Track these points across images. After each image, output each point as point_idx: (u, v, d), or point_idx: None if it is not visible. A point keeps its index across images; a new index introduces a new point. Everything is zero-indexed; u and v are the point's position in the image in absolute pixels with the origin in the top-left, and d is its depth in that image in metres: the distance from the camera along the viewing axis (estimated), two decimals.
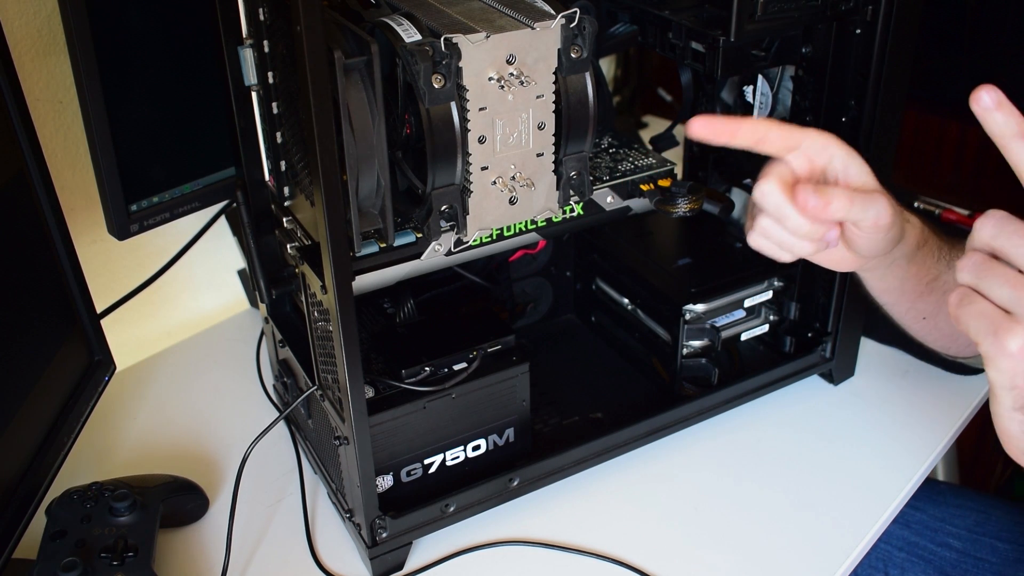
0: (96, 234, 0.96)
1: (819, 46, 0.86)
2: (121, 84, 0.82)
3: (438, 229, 0.70)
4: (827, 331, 0.97)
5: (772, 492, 0.88)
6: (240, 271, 1.16)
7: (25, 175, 0.75)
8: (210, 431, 0.97)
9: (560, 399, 0.96)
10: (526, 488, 0.85)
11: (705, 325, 0.94)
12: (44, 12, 0.86)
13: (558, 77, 0.68)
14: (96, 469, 0.91)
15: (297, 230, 0.78)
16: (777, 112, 0.96)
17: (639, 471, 0.90)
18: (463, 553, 0.82)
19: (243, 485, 0.83)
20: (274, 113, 0.72)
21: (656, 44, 0.87)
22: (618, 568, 0.80)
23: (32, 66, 0.88)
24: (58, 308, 0.80)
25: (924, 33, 0.84)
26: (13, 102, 0.72)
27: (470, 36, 0.64)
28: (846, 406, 0.98)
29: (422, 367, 0.79)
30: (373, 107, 0.65)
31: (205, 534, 0.85)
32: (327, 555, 0.82)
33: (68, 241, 0.80)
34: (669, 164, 0.86)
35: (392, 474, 0.80)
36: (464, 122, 0.66)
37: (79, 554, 0.72)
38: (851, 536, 0.83)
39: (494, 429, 0.84)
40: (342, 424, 0.75)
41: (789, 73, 0.93)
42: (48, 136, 0.91)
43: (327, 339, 0.73)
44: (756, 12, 0.77)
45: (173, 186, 0.90)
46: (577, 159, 0.72)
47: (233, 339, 1.11)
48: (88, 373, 0.84)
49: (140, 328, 1.07)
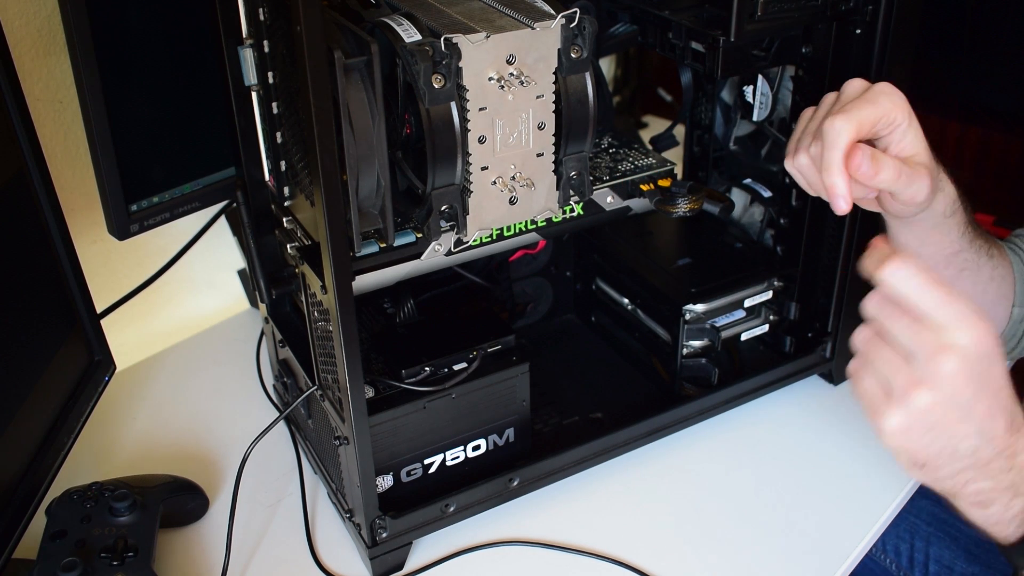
0: (96, 234, 0.96)
1: (819, 46, 0.86)
2: (121, 84, 0.82)
3: (438, 229, 0.70)
4: (827, 331, 0.97)
5: (772, 492, 0.88)
6: (240, 271, 1.16)
7: (25, 175, 0.75)
8: (210, 431, 0.97)
9: (560, 399, 0.96)
10: (526, 488, 0.85)
11: (705, 325, 0.94)
12: (44, 12, 0.86)
13: (558, 77, 0.68)
14: (96, 469, 0.91)
15: (297, 230, 0.78)
16: (777, 112, 0.96)
17: (639, 471, 0.90)
18: (463, 553, 0.82)
19: (243, 485, 0.83)
20: (274, 113, 0.72)
21: (656, 44, 0.87)
22: (618, 568, 0.80)
23: (32, 66, 0.88)
24: (58, 308, 0.80)
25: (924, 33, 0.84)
26: (13, 102, 0.72)
27: (470, 36, 0.64)
28: (846, 406, 0.98)
29: (422, 367, 0.79)
30: (373, 107, 0.65)
31: (205, 534, 0.85)
32: (327, 555, 0.82)
33: (68, 241, 0.80)
34: (669, 164, 0.86)
35: (392, 474, 0.80)
36: (464, 122, 0.66)
37: (79, 554, 0.72)
38: (851, 536, 0.83)
39: (494, 429, 0.84)
40: (342, 424, 0.75)
41: (789, 73, 0.93)
42: (48, 136, 0.91)
43: (327, 339, 0.73)
44: (756, 12, 0.77)
45: (173, 186, 0.90)
46: (577, 159, 0.72)
47: (233, 339, 1.11)
48: (88, 373, 0.84)
49: (140, 328, 1.07)
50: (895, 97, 0.71)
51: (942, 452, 0.59)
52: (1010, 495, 0.61)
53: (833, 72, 0.86)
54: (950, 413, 0.58)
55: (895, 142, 0.72)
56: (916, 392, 0.57)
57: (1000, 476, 0.61)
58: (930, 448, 0.59)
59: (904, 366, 0.58)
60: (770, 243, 1.00)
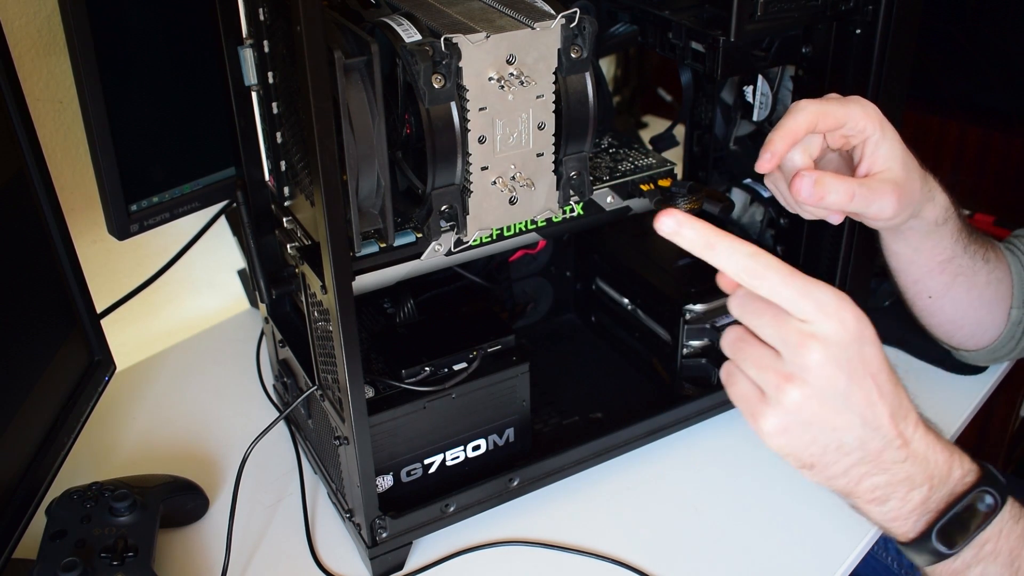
0: (96, 234, 0.96)
1: (819, 46, 0.86)
2: (121, 84, 0.82)
3: (438, 229, 0.70)
4: None
5: (772, 492, 0.88)
6: (240, 271, 1.16)
7: (25, 175, 0.75)
8: (210, 431, 0.97)
9: (560, 399, 0.96)
10: (526, 488, 0.85)
11: (705, 325, 0.94)
12: (44, 12, 0.86)
13: (558, 77, 0.68)
14: (96, 469, 0.91)
15: (297, 230, 0.78)
16: (777, 112, 0.96)
17: (639, 471, 0.90)
18: (463, 553, 0.82)
19: (243, 485, 0.83)
20: (274, 113, 0.72)
21: (656, 44, 0.87)
22: (618, 568, 0.80)
23: (32, 66, 0.88)
24: (58, 308, 0.80)
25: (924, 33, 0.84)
26: (13, 102, 0.72)
27: (470, 36, 0.64)
28: None
29: (422, 367, 0.79)
30: (373, 107, 0.65)
31: (205, 534, 0.85)
32: (327, 555, 0.82)
33: (68, 241, 0.80)
34: (669, 164, 0.86)
35: (392, 474, 0.80)
36: (464, 122, 0.66)
37: (79, 554, 0.72)
38: (851, 536, 0.83)
39: (494, 429, 0.84)
40: (342, 424, 0.75)
41: (789, 73, 0.93)
42: (48, 136, 0.91)
43: (327, 339, 0.73)
44: (756, 12, 0.77)
45: (173, 186, 0.90)
46: (577, 159, 0.72)
47: (233, 339, 1.11)
48: (88, 373, 0.84)
49: (140, 328, 1.07)
50: (867, 107, 0.70)
51: (827, 448, 0.57)
52: (906, 488, 0.59)
53: (833, 72, 0.86)
54: (826, 405, 0.55)
55: (867, 154, 0.71)
56: (787, 387, 0.55)
57: (895, 468, 0.58)
58: (813, 446, 0.57)
59: (772, 363, 0.55)
60: (770, 243, 1.00)
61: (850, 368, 0.55)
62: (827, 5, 0.80)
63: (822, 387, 0.54)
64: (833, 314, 0.54)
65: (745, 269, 0.55)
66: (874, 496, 0.59)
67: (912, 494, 0.59)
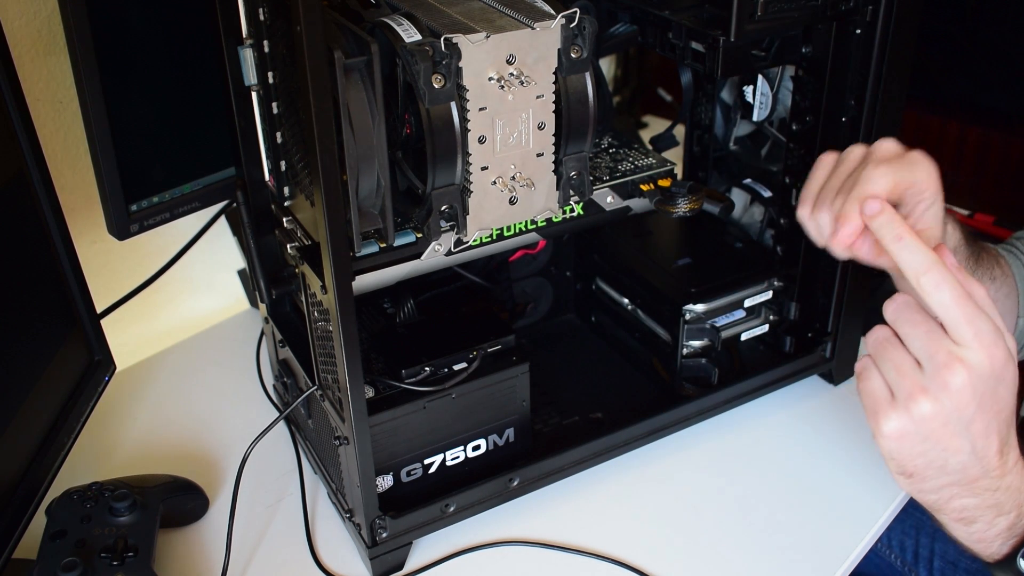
0: (96, 234, 0.96)
1: (819, 46, 0.86)
2: (121, 84, 0.82)
3: (438, 229, 0.70)
4: (827, 331, 0.97)
5: (772, 492, 0.88)
6: (240, 271, 1.16)
7: (25, 175, 0.75)
8: (210, 431, 0.97)
9: (560, 399, 0.96)
10: (526, 488, 0.85)
11: (705, 325, 0.94)
12: (44, 12, 0.86)
13: (558, 77, 0.68)
14: (96, 469, 0.91)
15: (297, 230, 0.78)
16: (777, 112, 0.96)
17: (639, 471, 0.90)
18: (463, 553, 0.82)
19: (243, 485, 0.83)
20: (274, 113, 0.72)
21: (656, 44, 0.87)
22: (618, 568, 0.80)
23: (32, 66, 0.88)
24: (58, 308, 0.80)
25: (924, 33, 0.84)
26: (13, 102, 0.72)
27: (470, 36, 0.64)
28: (846, 406, 0.98)
29: (422, 367, 0.79)
30: (373, 107, 0.65)
31: (205, 534, 0.85)
32: (327, 555, 0.82)
33: (68, 241, 0.80)
34: (669, 164, 0.86)
35: (392, 474, 0.80)
36: (464, 122, 0.66)
37: (79, 554, 0.72)
38: (851, 536, 0.83)
39: (494, 429, 0.84)
40: (342, 424, 0.75)
41: (789, 73, 0.93)
42: (48, 136, 0.91)
43: (327, 339, 0.73)
44: (756, 12, 0.77)
45: (173, 186, 0.90)
46: (577, 159, 0.72)
47: (233, 339, 1.11)
48: (88, 373, 0.84)
49: (140, 328, 1.07)
50: (931, 169, 0.68)
51: (931, 464, 0.60)
52: (993, 513, 0.62)
53: (833, 72, 0.86)
54: (948, 426, 0.58)
55: (918, 215, 0.69)
56: (920, 399, 0.58)
57: (985, 495, 0.61)
58: (922, 458, 0.60)
59: (912, 372, 0.58)
60: (770, 243, 1.00)
61: (982, 400, 0.57)
62: (827, 5, 0.80)
63: (951, 409, 0.57)
64: (988, 346, 0.57)
65: (927, 273, 0.58)
66: (961, 516, 0.62)
67: (999, 519, 0.62)
